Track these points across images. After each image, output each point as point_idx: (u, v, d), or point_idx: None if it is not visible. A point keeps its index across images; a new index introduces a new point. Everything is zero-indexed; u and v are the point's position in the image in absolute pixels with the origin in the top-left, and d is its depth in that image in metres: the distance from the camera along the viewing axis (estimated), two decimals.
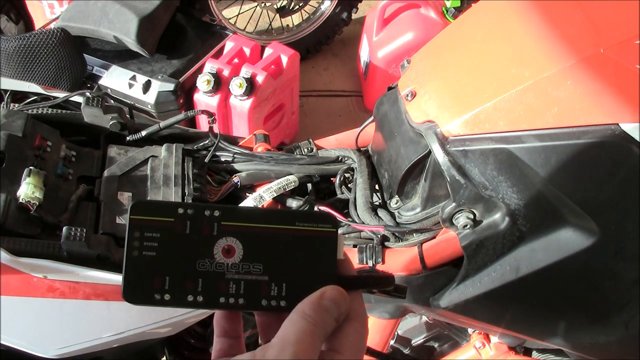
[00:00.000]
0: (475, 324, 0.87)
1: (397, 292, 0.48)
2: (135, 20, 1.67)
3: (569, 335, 0.80)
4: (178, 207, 0.40)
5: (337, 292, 0.39)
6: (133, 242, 0.39)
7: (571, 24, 0.66)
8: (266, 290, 0.40)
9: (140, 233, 0.39)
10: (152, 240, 0.39)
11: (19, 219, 0.73)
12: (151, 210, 0.39)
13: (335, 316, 0.38)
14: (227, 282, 0.39)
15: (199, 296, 0.39)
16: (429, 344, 1.27)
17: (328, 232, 0.41)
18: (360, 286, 0.42)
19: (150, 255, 0.39)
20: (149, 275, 0.39)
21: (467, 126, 0.67)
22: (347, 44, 2.70)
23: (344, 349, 0.38)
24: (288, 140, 2.17)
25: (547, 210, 0.67)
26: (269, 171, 0.89)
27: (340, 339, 0.39)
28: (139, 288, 0.39)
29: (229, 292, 0.39)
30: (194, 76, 1.78)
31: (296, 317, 0.37)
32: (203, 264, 0.39)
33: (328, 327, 0.38)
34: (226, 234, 0.40)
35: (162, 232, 0.39)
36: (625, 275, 0.70)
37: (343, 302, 0.39)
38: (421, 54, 0.81)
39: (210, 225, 0.40)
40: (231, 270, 0.39)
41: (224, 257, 0.40)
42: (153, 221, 0.39)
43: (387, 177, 0.84)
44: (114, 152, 0.87)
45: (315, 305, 0.38)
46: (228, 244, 0.40)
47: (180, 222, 0.39)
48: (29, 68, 1.56)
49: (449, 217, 0.72)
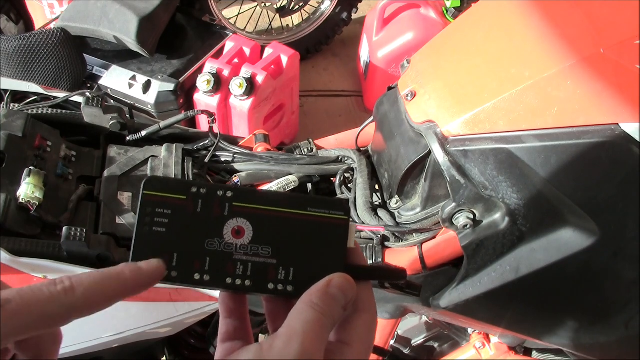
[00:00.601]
0: (475, 324, 0.87)
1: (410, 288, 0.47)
2: (135, 20, 1.67)
3: (569, 335, 0.80)
4: (191, 186, 0.40)
5: (344, 280, 0.39)
6: (144, 218, 0.39)
7: (571, 24, 0.66)
8: (273, 274, 0.40)
9: (151, 209, 0.39)
10: (163, 217, 0.39)
11: (19, 219, 0.73)
12: (164, 187, 0.39)
13: (343, 304, 0.38)
14: (234, 263, 0.39)
15: (206, 275, 0.39)
16: (429, 344, 1.27)
17: (340, 220, 0.41)
18: (369, 277, 0.42)
19: (160, 232, 0.39)
20: (157, 251, 0.39)
21: (467, 126, 0.67)
22: (347, 44, 2.70)
23: (353, 341, 0.38)
24: (288, 140, 2.17)
25: (547, 210, 0.67)
26: (269, 171, 0.89)
27: (350, 331, 0.38)
28: None
29: (236, 273, 0.39)
30: (194, 76, 1.78)
31: (303, 306, 0.37)
32: (212, 244, 0.39)
33: (336, 315, 0.37)
34: (237, 215, 0.40)
35: (173, 209, 0.39)
36: (625, 275, 0.70)
37: (350, 290, 0.38)
38: (421, 54, 0.81)
39: (222, 205, 0.40)
40: (239, 252, 0.39)
41: (233, 238, 0.40)
42: (165, 198, 0.39)
43: (387, 177, 0.84)
44: (114, 152, 0.87)
45: (323, 294, 0.37)
46: (238, 225, 0.40)
47: (192, 201, 0.39)
48: (29, 68, 1.56)
49: (449, 217, 0.72)
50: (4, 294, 0.32)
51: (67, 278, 0.34)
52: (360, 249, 0.42)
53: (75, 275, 0.35)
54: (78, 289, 0.34)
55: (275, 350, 0.34)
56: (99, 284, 0.34)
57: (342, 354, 0.37)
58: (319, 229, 0.40)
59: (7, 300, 0.32)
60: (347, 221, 0.41)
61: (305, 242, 0.40)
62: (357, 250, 0.42)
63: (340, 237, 0.41)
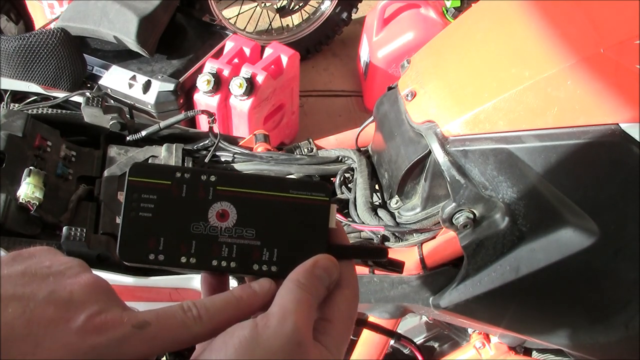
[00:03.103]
0: (475, 324, 0.87)
1: (392, 265, 0.48)
2: (135, 20, 1.67)
3: (569, 335, 0.80)
4: (176, 171, 0.41)
5: (329, 261, 0.40)
6: (130, 204, 0.40)
7: (571, 24, 0.66)
8: (257, 255, 0.41)
9: (137, 195, 0.40)
10: (149, 202, 0.40)
11: (19, 219, 0.73)
12: (149, 173, 0.40)
13: (327, 284, 0.39)
14: (219, 246, 0.40)
15: (192, 258, 0.40)
16: (429, 344, 1.27)
17: (321, 201, 0.42)
18: (351, 255, 0.43)
19: (146, 217, 0.40)
20: (144, 236, 0.39)
21: (467, 126, 0.67)
22: (347, 44, 2.70)
23: (334, 318, 0.39)
24: (288, 140, 2.17)
25: (547, 210, 0.67)
26: (269, 171, 0.89)
27: (332, 307, 0.40)
28: (134, 248, 0.39)
29: (221, 255, 0.40)
30: (194, 76, 1.78)
31: (292, 286, 0.38)
32: (197, 227, 0.40)
33: (320, 295, 0.39)
34: (221, 199, 0.41)
35: (159, 194, 0.40)
36: (625, 275, 0.70)
37: (334, 271, 0.40)
38: (421, 54, 0.81)
39: (206, 189, 0.41)
40: (224, 234, 0.40)
41: (218, 221, 0.40)
42: (150, 183, 0.40)
43: (387, 177, 0.84)
44: (114, 152, 0.87)
45: (309, 274, 0.39)
46: (222, 208, 0.41)
47: (176, 186, 0.40)
48: (29, 68, 1.56)
49: (449, 217, 0.72)
50: (143, 316, 0.34)
51: (194, 305, 0.36)
52: (342, 228, 0.44)
53: (199, 301, 0.36)
54: (204, 316, 0.36)
55: (270, 328, 0.35)
56: (222, 311, 0.37)
57: (324, 330, 0.38)
58: (301, 211, 0.41)
59: (146, 322, 0.34)
60: (329, 202, 0.42)
61: (288, 223, 0.41)
62: (340, 230, 0.43)
63: (322, 218, 0.42)
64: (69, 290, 0.33)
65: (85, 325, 0.32)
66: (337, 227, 0.43)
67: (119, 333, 0.32)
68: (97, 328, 0.32)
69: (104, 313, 0.33)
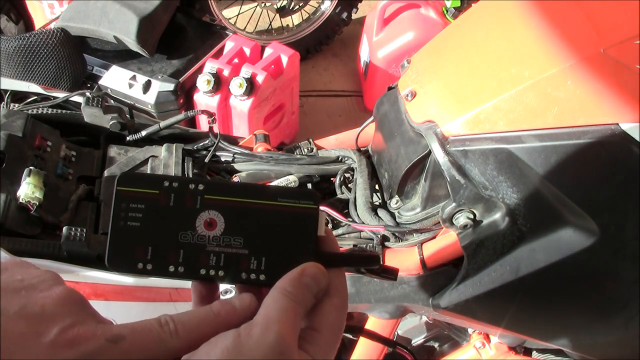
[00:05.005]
0: (475, 324, 0.87)
1: (386, 273, 0.48)
2: (135, 20, 1.67)
3: (569, 335, 0.80)
4: (163, 180, 0.41)
5: (317, 269, 0.40)
6: (119, 213, 0.40)
7: (571, 24, 0.66)
8: (246, 264, 0.40)
9: (126, 204, 0.40)
10: (137, 211, 0.40)
11: (19, 219, 0.73)
12: (137, 182, 0.40)
13: (314, 292, 0.39)
14: (207, 255, 0.40)
15: (180, 267, 0.40)
16: (429, 344, 1.27)
17: (309, 209, 0.42)
18: (341, 263, 0.43)
19: (134, 226, 0.40)
20: (132, 245, 0.40)
21: (467, 126, 0.67)
22: (347, 44, 2.70)
23: (322, 327, 0.39)
24: (288, 140, 2.17)
25: (547, 210, 0.67)
26: (269, 171, 0.89)
27: (319, 317, 0.39)
28: (122, 256, 0.40)
29: (209, 264, 0.40)
30: (194, 76, 1.78)
31: (278, 294, 0.38)
32: (185, 236, 0.40)
33: (308, 303, 0.38)
34: (209, 208, 0.41)
35: (147, 203, 0.40)
36: (625, 275, 0.70)
37: (322, 279, 0.40)
38: (421, 54, 0.81)
39: (194, 198, 0.41)
40: (212, 243, 0.40)
41: (205, 230, 0.40)
42: (139, 193, 0.40)
43: (387, 177, 0.84)
44: (114, 152, 0.87)
45: (296, 282, 0.38)
46: (210, 217, 0.41)
47: (164, 195, 0.40)
48: (29, 68, 1.56)
49: (449, 217, 0.72)
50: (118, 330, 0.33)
51: (171, 319, 0.36)
52: (333, 236, 0.43)
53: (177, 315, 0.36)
54: (181, 331, 0.35)
55: (253, 338, 0.35)
56: (199, 326, 0.36)
57: (311, 339, 0.38)
58: (289, 219, 0.41)
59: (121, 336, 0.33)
60: (317, 210, 0.42)
61: (276, 231, 0.41)
62: (330, 238, 0.43)
63: (310, 226, 0.41)
64: (41, 304, 0.33)
65: (57, 339, 0.31)
66: (327, 234, 0.42)
67: (92, 347, 0.32)
68: (69, 342, 0.32)
69: (77, 326, 0.32)
